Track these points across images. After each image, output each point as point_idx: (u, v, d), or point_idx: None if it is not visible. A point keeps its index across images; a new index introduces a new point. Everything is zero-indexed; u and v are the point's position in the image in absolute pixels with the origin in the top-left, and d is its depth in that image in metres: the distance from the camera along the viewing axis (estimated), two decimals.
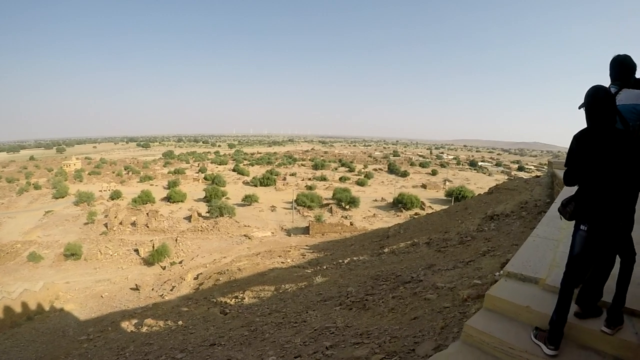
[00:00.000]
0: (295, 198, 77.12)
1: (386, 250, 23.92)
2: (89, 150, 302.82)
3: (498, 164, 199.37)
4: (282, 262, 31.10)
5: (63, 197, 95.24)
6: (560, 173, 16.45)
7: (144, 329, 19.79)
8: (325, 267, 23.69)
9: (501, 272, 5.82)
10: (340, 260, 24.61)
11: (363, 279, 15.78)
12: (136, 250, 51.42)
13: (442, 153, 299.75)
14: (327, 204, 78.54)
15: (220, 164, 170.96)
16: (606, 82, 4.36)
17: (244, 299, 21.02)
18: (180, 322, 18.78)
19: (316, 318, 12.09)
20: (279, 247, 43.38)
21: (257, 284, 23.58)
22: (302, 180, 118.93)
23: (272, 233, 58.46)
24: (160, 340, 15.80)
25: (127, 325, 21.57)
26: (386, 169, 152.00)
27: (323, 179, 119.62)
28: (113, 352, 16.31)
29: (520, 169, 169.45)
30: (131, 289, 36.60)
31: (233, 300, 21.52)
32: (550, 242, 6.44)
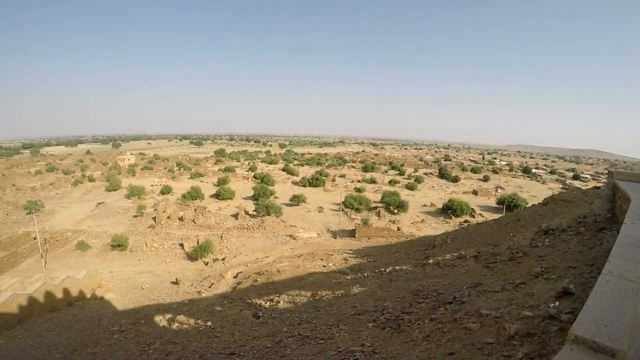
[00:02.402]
0: (343, 200, 76.00)
1: (431, 261, 22.60)
2: (144, 147, 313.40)
3: (552, 172, 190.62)
4: (324, 266, 30.27)
5: (115, 190, 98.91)
6: (623, 185, 14.64)
7: (174, 326, 19.56)
8: (365, 275, 22.71)
9: (567, 336, 4.41)
10: (383, 269, 23.54)
11: (402, 292, 14.70)
12: (181, 245, 51.97)
13: (494, 158, 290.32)
14: (375, 207, 76.99)
15: (270, 163, 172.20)
16: None
17: (279, 302, 20.39)
18: (209, 323, 18.37)
19: (344, 335, 11.11)
20: (322, 250, 42.57)
21: (294, 288, 22.93)
22: (351, 182, 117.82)
23: (318, 234, 57.71)
24: (185, 341, 15.47)
25: (160, 320, 21.41)
26: (437, 174, 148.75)
27: (372, 181, 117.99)
28: (139, 346, 16.16)
29: (576, 177, 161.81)
30: (171, 282, 36.75)
31: (268, 303, 20.92)
32: (629, 284, 4.99)
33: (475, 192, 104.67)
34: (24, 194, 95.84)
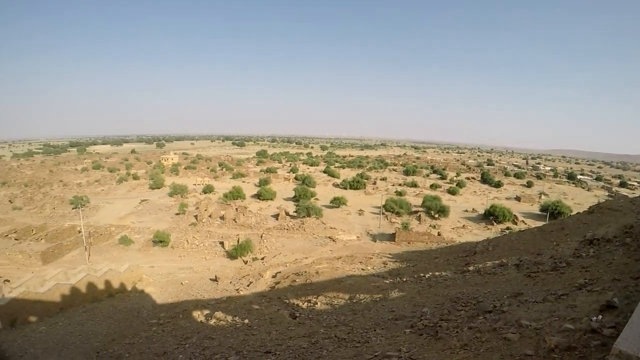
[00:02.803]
0: (383, 203, 75.32)
1: (471, 268, 22.23)
2: (187, 147, 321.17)
3: (598, 178, 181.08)
4: (362, 269, 30.21)
5: (159, 188, 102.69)
6: None
7: (212, 322, 19.98)
8: (404, 280, 22.58)
9: (611, 352, 4.31)
10: (422, 274, 23.34)
11: (441, 299, 14.55)
12: (221, 243, 52.93)
13: (538, 164, 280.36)
14: (416, 212, 75.80)
15: (311, 165, 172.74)
16: None
17: (316, 304, 20.51)
18: (246, 321, 18.66)
19: (381, 340, 11.12)
20: (361, 253, 42.48)
21: (332, 290, 22.99)
22: (392, 185, 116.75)
23: (357, 237, 57.52)
24: (222, 337, 15.76)
25: (198, 315, 21.88)
26: (479, 178, 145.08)
27: (413, 185, 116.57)
28: (176, 340, 16.54)
29: (623, 184, 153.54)
30: (210, 279, 37.54)
31: (305, 304, 21.09)
32: None
33: (518, 198, 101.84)
34: (70, 190, 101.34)
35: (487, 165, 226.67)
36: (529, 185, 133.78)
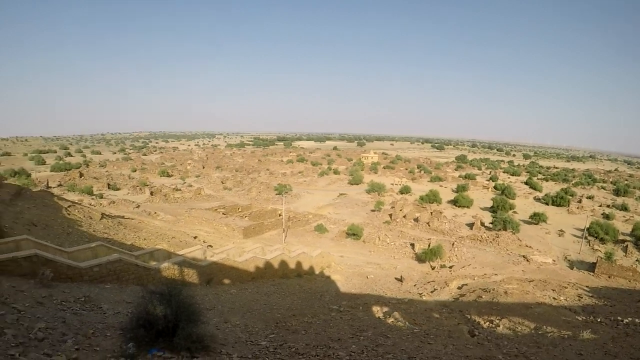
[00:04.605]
0: (588, 226, 66.75)
1: None
2: (386, 147, 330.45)
3: None
4: (554, 298, 27.75)
5: (357, 184, 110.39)
6: None
7: (389, 320, 20.52)
8: (598, 320, 20.26)
9: None
10: (620, 318, 20.65)
11: (638, 353, 12.80)
12: (412, 245, 53.48)
13: None
14: (623, 241, 64.88)
15: (512, 175, 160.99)
16: None
17: (499, 326, 19.69)
18: (424, 328, 18.80)
19: None
20: (555, 279, 38.70)
21: (518, 315, 21.73)
22: (600, 205, 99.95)
23: (553, 261, 52.02)
24: (397, 338, 16.10)
25: (377, 311, 22.68)
26: None
27: (624, 208, 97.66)
28: (352, 329, 17.23)
29: None
30: (395, 279, 38.27)
31: (487, 323, 20.38)
32: None
33: None
34: (275, 178, 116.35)
35: None
36: None
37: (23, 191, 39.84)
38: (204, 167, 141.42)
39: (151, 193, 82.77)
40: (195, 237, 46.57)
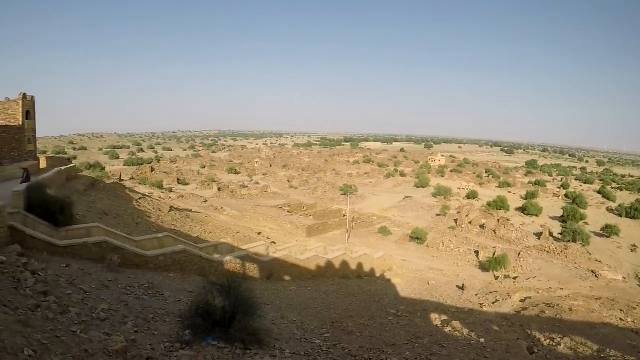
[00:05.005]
0: None
1: None
2: (454, 150, 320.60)
3: None
4: (621, 319, 26.04)
5: (423, 187, 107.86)
6: None
7: (447, 329, 20.22)
8: None
9: None
10: None
11: None
12: (476, 252, 52.08)
13: None
14: None
15: (585, 183, 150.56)
16: None
17: (559, 345, 18.89)
18: (482, 340, 18.35)
19: None
20: (625, 299, 36.01)
21: (581, 334, 20.64)
22: None
23: (624, 278, 48.00)
24: (452, 348, 15.92)
25: (435, 319, 22.41)
26: None
27: None
28: (408, 335, 17.19)
29: None
30: (457, 286, 37.37)
31: (548, 341, 19.60)
32: None
33: None
34: (341, 178, 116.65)
35: None
36: None
37: (97, 183, 42.88)
38: (271, 166, 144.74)
39: (219, 189, 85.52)
40: (259, 233, 47.97)
